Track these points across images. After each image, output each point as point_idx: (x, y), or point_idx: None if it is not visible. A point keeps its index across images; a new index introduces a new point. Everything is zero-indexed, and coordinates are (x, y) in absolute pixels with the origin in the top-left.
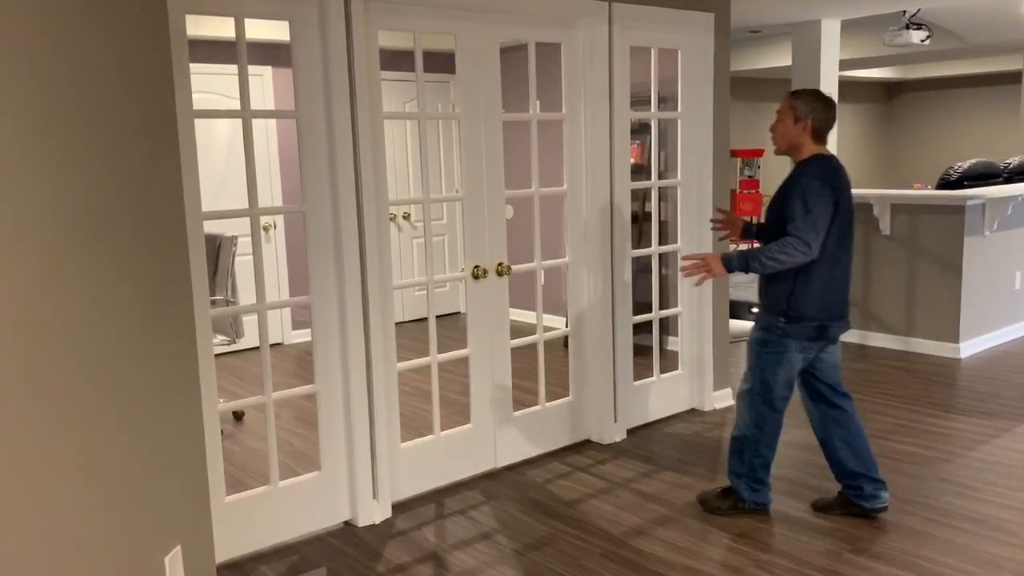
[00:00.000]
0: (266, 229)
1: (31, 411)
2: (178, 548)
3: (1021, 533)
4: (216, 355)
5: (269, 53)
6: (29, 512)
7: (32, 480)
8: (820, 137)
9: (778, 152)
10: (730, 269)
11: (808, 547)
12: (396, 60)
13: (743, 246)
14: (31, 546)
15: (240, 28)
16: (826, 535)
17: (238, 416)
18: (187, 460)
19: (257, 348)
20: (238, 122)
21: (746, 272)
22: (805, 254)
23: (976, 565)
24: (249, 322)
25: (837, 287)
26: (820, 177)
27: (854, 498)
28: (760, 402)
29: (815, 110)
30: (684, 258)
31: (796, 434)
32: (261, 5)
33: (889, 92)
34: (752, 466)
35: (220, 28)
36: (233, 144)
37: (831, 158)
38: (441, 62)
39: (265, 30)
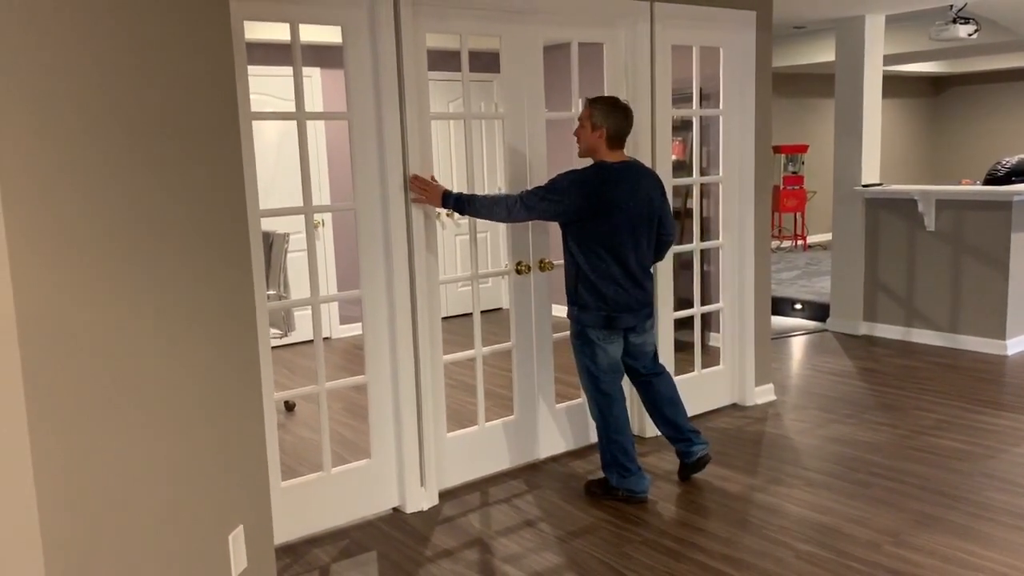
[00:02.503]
0: (315, 227)
1: (113, 402)
2: (240, 528)
3: None
4: None
5: (318, 55)
6: (114, 491)
7: (116, 463)
8: (615, 143)
9: (580, 156)
10: (445, 205)
11: (849, 539)
12: (441, 60)
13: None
14: (114, 521)
15: (295, 33)
16: (866, 527)
17: (290, 407)
18: (249, 445)
19: (306, 342)
20: (286, 123)
21: (461, 213)
22: (507, 214)
23: (1017, 558)
24: (300, 317)
25: (615, 283)
26: (579, 180)
27: (681, 458)
28: (592, 389)
29: (608, 118)
30: (413, 179)
31: (836, 429)
32: (315, 11)
33: (936, 87)
34: (612, 454)
35: (270, 31)
36: (282, 144)
37: (612, 166)
38: (484, 61)
39: (314, 33)
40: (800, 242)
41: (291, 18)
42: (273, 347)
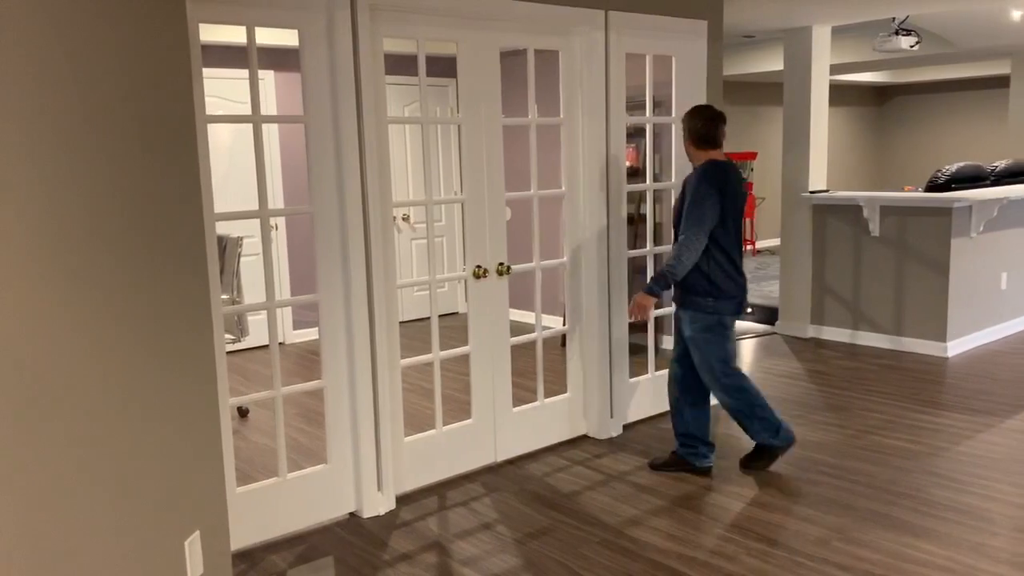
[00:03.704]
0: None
1: (65, 404)
2: (197, 533)
3: (1002, 522)
4: None
5: (271, 57)
6: (64, 497)
7: (66, 468)
8: (706, 144)
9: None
10: (656, 294)
11: (797, 536)
12: (397, 64)
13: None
14: (68, 527)
15: (251, 37)
16: (816, 524)
17: (243, 413)
18: (205, 450)
19: (258, 347)
20: (238, 125)
21: (668, 288)
22: (696, 246)
23: (959, 552)
24: (253, 322)
25: (737, 270)
26: (705, 180)
27: (688, 456)
28: (723, 376)
29: (689, 123)
30: (635, 309)
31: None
32: (272, 14)
33: (880, 96)
34: (763, 418)
35: (224, 33)
36: (234, 147)
37: (720, 163)
38: (440, 66)
39: (268, 35)
40: (749, 247)
41: (248, 21)
42: (226, 352)
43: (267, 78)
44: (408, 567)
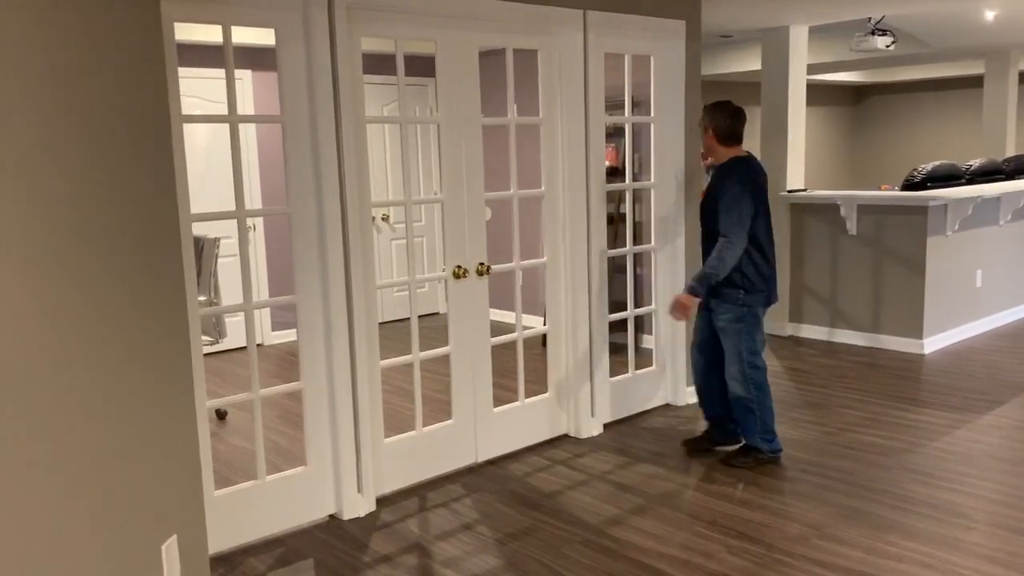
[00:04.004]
0: (247, 231)
1: (38, 405)
2: (174, 537)
3: (978, 518)
4: None
5: (249, 57)
6: (38, 502)
7: (40, 472)
8: (731, 140)
9: (705, 159)
10: (699, 294)
11: (776, 533)
12: (375, 63)
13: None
14: (40, 532)
15: (227, 36)
16: (794, 521)
17: (221, 415)
18: (182, 453)
19: (237, 349)
20: (215, 125)
21: (709, 288)
22: (739, 246)
23: (936, 548)
24: (231, 323)
25: (770, 264)
26: (737, 180)
27: (724, 435)
28: (750, 368)
29: (714, 119)
30: (677, 308)
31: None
32: (248, 13)
33: (857, 95)
34: (763, 420)
35: (199, 32)
36: (211, 147)
37: (747, 158)
38: (419, 65)
39: (246, 34)
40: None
41: (223, 20)
42: (204, 354)
43: (244, 78)
44: (389, 569)
